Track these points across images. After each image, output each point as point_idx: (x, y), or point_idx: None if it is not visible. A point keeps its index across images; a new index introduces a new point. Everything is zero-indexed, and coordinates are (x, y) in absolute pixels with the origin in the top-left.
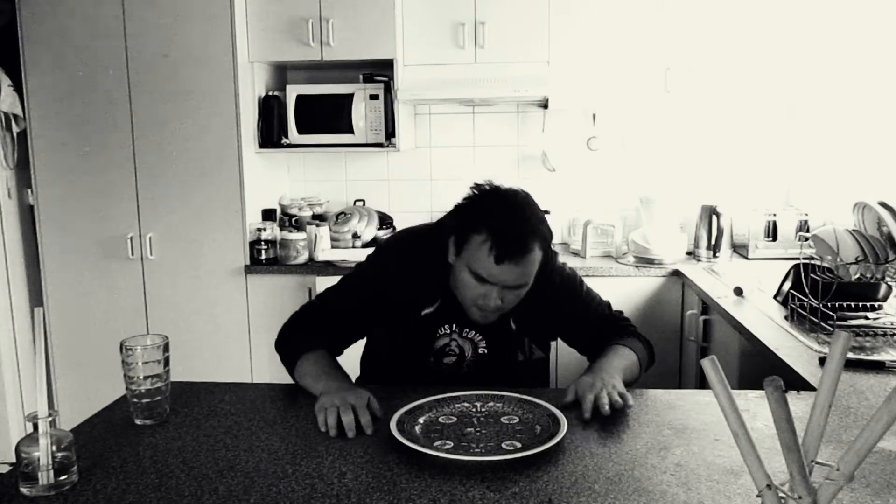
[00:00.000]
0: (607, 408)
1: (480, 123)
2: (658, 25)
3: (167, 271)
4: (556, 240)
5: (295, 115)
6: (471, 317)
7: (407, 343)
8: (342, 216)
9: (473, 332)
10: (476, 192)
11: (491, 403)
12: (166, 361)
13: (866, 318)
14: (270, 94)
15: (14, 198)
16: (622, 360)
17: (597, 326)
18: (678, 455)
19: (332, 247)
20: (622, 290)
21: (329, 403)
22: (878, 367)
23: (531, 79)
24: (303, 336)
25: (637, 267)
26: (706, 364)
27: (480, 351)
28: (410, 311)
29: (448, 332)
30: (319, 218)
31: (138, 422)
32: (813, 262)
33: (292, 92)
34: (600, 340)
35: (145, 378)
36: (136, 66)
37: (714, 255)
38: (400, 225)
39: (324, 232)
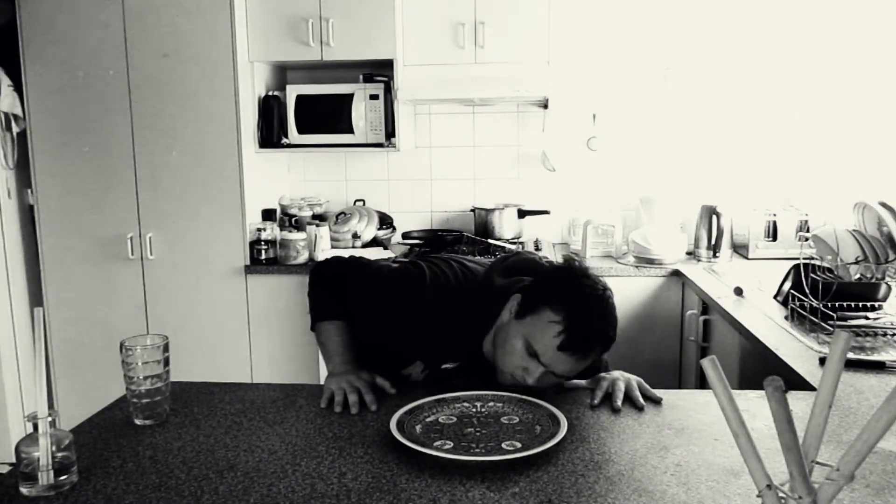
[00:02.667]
0: (619, 403)
1: (480, 123)
2: (658, 25)
3: (167, 271)
4: (556, 240)
5: (295, 115)
6: (499, 378)
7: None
8: (342, 216)
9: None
10: (560, 265)
11: (491, 403)
12: (166, 361)
13: (866, 318)
14: (270, 94)
15: (14, 198)
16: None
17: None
18: (678, 455)
19: (332, 247)
20: (622, 290)
21: (336, 386)
22: (879, 367)
23: (531, 79)
24: (332, 299)
25: (637, 267)
26: (706, 364)
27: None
28: (430, 362)
29: (461, 383)
30: (319, 218)
31: (138, 422)
32: (813, 262)
33: (292, 92)
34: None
35: (145, 378)
36: (136, 66)
37: (714, 255)
38: (400, 225)
39: (324, 232)
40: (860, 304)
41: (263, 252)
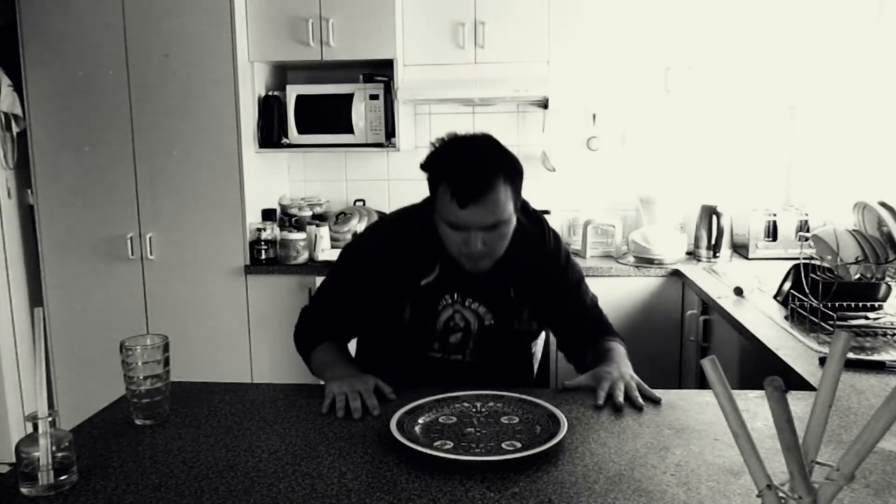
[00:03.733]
0: (621, 399)
1: (480, 123)
2: (658, 25)
3: (167, 271)
4: None
5: (295, 115)
6: (465, 267)
7: (411, 323)
8: (342, 216)
9: (477, 304)
10: (436, 145)
11: (491, 403)
12: (166, 361)
13: (866, 318)
14: (270, 93)
15: (14, 198)
16: (628, 360)
17: (587, 318)
18: (678, 455)
19: (333, 247)
20: (622, 290)
21: (338, 391)
22: (879, 367)
23: (531, 79)
24: (311, 332)
25: (637, 267)
26: (706, 364)
27: (487, 323)
28: (409, 282)
29: (451, 302)
30: (319, 218)
31: (138, 422)
32: (813, 262)
33: (292, 92)
34: (586, 336)
35: (145, 378)
36: (136, 66)
37: (714, 255)
38: None
39: (324, 232)
40: (860, 304)
41: (263, 252)
